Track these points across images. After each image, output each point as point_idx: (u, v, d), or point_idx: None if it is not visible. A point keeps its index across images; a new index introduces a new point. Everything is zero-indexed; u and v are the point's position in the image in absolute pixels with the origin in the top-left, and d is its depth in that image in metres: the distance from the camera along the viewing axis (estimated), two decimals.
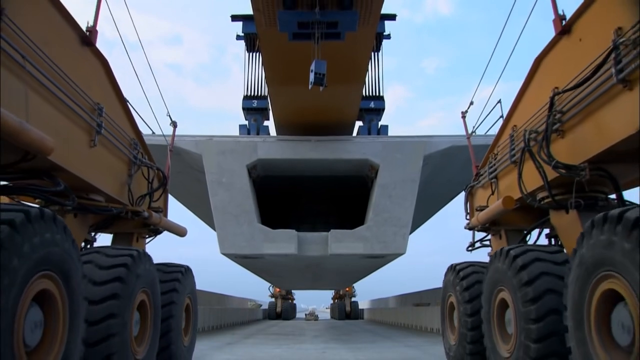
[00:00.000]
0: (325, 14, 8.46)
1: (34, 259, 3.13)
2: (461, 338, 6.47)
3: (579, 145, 4.67)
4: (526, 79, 5.85)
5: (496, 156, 6.68)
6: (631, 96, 3.90)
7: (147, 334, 5.33)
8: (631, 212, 3.21)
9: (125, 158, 6.00)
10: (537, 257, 4.83)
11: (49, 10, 4.46)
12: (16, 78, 3.78)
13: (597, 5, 4.54)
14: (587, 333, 3.63)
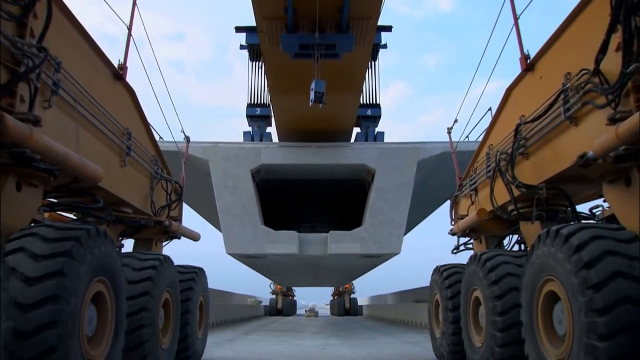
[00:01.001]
0: (324, 37, 9.27)
1: (94, 268, 3.96)
2: (444, 331, 7.31)
3: (539, 167, 5.49)
4: (499, 105, 6.67)
5: (476, 170, 7.52)
6: (576, 131, 4.72)
7: (169, 327, 6.17)
8: (565, 229, 4.02)
9: (148, 173, 6.82)
10: (504, 261, 5.66)
11: (89, 54, 5.26)
12: (69, 117, 4.60)
13: (553, 50, 5.36)
14: (535, 325, 4.46)
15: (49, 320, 3.28)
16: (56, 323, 3.32)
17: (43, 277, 3.36)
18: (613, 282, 3.50)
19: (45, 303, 3.29)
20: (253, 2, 9.43)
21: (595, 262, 3.62)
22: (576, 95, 4.57)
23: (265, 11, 9.44)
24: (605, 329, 3.43)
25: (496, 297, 5.39)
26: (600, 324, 3.46)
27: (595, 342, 3.49)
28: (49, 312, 3.29)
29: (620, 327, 3.39)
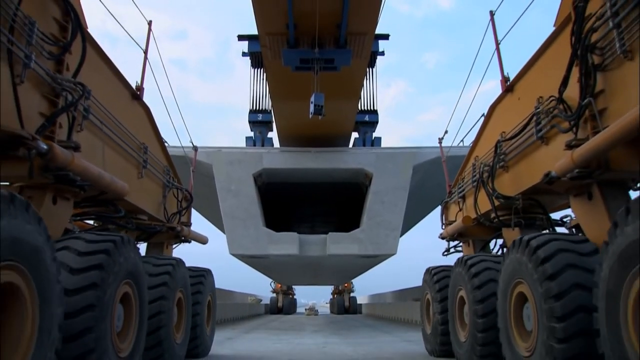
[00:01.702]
0: (323, 52, 9.86)
1: (123, 273, 4.55)
2: (434, 328, 7.91)
3: (516, 180, 6.07)
4: (484, 120, 7.26)
5: (464, 179, 8.11)
6: (546, 150, 5.31)
7: (182, 324, 6.76)
8: (534, 241, 4.60)
9: (161, 183, 7.40)
10: (487, 267, 6.26)
11: (112, 79, 5.84)
12: (97, 137, 5.19)
13: (528, 75, 5.94)
14: (509, 322, 5.06)
15: (88, 304, 3.91)
16: (94, 306, 3.95)
17: (86, 268, 4.00)
18: (571, 293, 4.07)
19: (87, 289, 3.91)
20: (257, 19, 10.01)
21: (558, 274, 4.21)
22: (546, 118, 5.16)
23: (268, 27, 10.02)
24: (562, 333, 4.02)
25: (478, 301, 5.99)
26: (558, 329, 4.05)
27: (553, 343, 4.08)
28: (90, 296, 3.92)
29: (575, 332, 3.97)
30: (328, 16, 9.46)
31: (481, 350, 5.93)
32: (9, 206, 2.88)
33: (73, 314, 3.78)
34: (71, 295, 3.82)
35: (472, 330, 6.13)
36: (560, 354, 4.05)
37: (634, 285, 3.16)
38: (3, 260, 2.82)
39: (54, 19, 4.46)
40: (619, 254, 3.31)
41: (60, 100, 4.37)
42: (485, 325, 5.85)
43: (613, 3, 4.07)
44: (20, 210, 3.01)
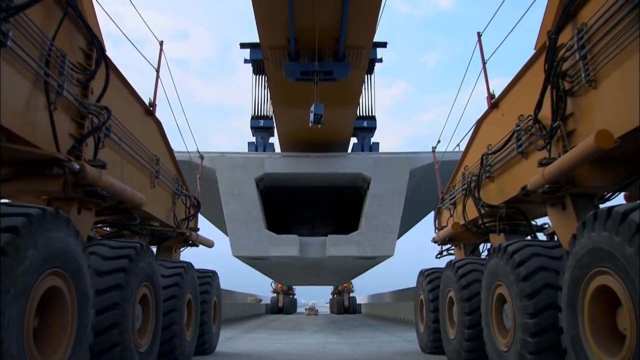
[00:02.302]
0: (322, 65, 10.38)
1: (142, 276, 5.06)
2: (427, 326, 8.42)
3: (501, 190, 6.57)
4: (473, 133, 7.77)
5: (455, 187, 8.62)
6: (526, 163, 5.81)
7: (191, 323, 7.27)
8: (511, 247, 5.11)
9: (171, 191, 7.91)
10: (473, 269, 6.77)
11: (128, 97, 6.34)
12: (116, 153, 5.70)
13: (511, 94, 6.44)
14: (490, 320, 5.57)
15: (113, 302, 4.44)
16: (119, 305, 4.48)
17: (111, 271, 4.52)
18: (542, 292, 4.59)
19: (113, 289, 4.44)
20: (259, 33, 10.53)
21: (531, 275, 4.72)
22: (525, 135, 5.67)
23: (270, 41, 10.54)
24: (534, 328, 4.54)
25: (465, 300, 6.50)
26: (531, 324, 4.57)
27: (527, 337, 4.60)
28: (115, 296, 4.45)
29: (546, 327, 4.49)
30: (327, 31, 9.97)
31: (468, 345, 6.44)
32: (55, 222, 3.39)
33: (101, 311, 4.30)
34: (98, 295, 4.32)
35: (459, 327, 6.65)
36: (533, 347, 4.55)
37: (589, 288, 3.67)
38: (50, 267, 3.34)
39: (80, 48, 4.97)
40: (577, 260, 3.82)
41: (87, 122, 4.88)
42: (471, 322, 6.36)
43: (580, 37, 4.58)
44: (63, 224, 3.52)
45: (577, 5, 4.75)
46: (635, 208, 3.21)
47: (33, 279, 3.10)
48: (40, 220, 3.19)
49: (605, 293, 3.49)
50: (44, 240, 3.21)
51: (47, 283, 3.31)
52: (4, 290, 2.77)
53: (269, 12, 9.58)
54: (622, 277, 3.25)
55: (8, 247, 2.84)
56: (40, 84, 4.14)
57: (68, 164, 4.20)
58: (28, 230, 3.04)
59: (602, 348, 3.53)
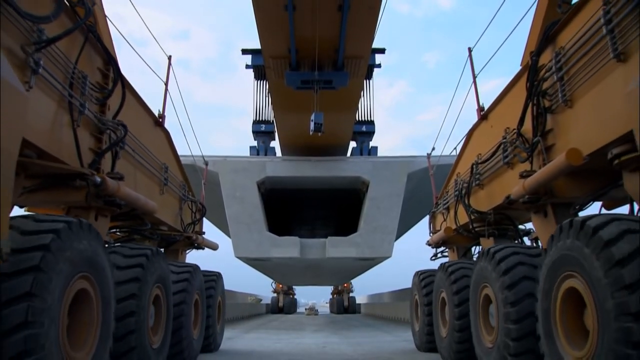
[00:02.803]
0: (322, 74, 10.81)
1: (155, 278, 5.48)
2: (421, 325, 8.84)
3: (490, 197, 6.98)
4: (464, 142, 8.19)
5: (448, 192, 9.04)
6: (512, 173, 6.22)
7: (198, 322, 7.69)
8: (493, 249, 5.52)
9: (178, 197, 8.33)
10: (465, 274, 7.17)
11: (140, 111, 6.76)
12: (130, 164, 6.12)
13: (499, 107, 6.86)
14: (478, 319, 5.98)
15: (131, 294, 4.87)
16: (136, 295, 4.90)
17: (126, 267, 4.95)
18: (521, 283, 5.01)
19: (130, 282, 4.87)
20: (262, 43, 10.96)
21: (510, 270, 5.15)
22: (510, 147, 6.09)
23: (272, 51, 10.97)
24: (515, 315, 4.96)
25: (455, 299, 6.92)
26: (512, 312, 4.99)
27: (509, 325, 5.02)
28: (132, 287, 4.88)
29: (525, 315, 4.90)
30: (327, 42, 10.39)
31: (458, 345, 6.85)
32: (80, 231, 3.81)
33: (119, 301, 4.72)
34: (116, 287, 4.73)
35: (450, 324, 7.06)
36: (514, 350, 4.98)
37: (560, 291, 4.09)
38: (79, 272, 3.76)
39: (98, 68, 5.39)
40: (549, 267, 4.24)
41: (104, 137, 5.30)
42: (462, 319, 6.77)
43: (558, 60, 5.00)
44: (87, 233, 3.94)
45: (556, 30, 5.16)
46: (592, 217, 3.64)
47: (66, 284, 3.52)
48: (68, 233, 3.60)
49: (573, 294, 3.91)
50: (73, 250, 3.63)
51: (77, 286, 3.73)
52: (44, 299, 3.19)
53: (271, 24, 10.00)
54: (585, 280, 3.67)
55: (42, 264, 3.24)
56: (64, 103, 4.56)
57: (91, 178, 4.62)
58: (57, 245, 3.43)
59: (571, 342, 3.95)
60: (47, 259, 3.27)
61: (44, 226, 3.43)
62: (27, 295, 3.06)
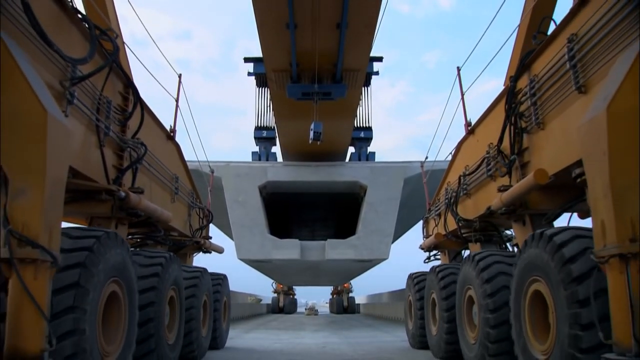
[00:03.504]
0: (322, 86, 11.39)
1: (171, 281, 6.08)
2: (415, 324, 9.44)
3: (476, 205, 7.57)
4: (454, 153, 8.78)
5: (439, 199, 9.63)
6: (494, 185, 6.80)
7: (206, 321, 8.29)
8: (477, 256, 6.12)
9: (187, 204, 8.92)
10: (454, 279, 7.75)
11: (154, 127, 7.35)
12: (146, 177, 6.71)
13: (483, 124, 7.45)
14: (462, 317, 6.58)
15: (150, 301, 5.46)
16: (154, 303, 5.49)
17: (148, 275, 5.54)
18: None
19: (148, 291, 5.46)
20: (264, 57, 11.55)
21: (492, 279, 5.74)
22: (493, 162, 6.69)
23: (274, 65, 11.56)
24: (494, 337, 5.54)
25: (443, 299, 7.52)
26: (491, 319, 5.58)
27: (487, 343, 5.62)
28: (151, 295, 5.47)
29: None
30: (326, 56, 10.97)
31: (447, 338, 7.44)
32: (114, 241, 4.41)
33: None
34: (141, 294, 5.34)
35: (440, 323, 7.67)
36: (492, 351, 5.60)
37: (527, 295, 4.69)
38: (111, 277, 4.35)
39: (119, 92, 5.98)
40: (518, 272, 4.84)
41: (125, 154, 5.90)
42: (449, 318, 7.37)
43: (532, 86, 5.60)
44: (118, 242, 4.54)
45: (531, 58, 5.76)
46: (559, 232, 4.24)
47: (103, 283, 4.12)
48: (105, 241, 4.21)
49: (537, 296, 4.51)
50: (108, 255, 4.23)
51: (109, 289, 4.33)
52: (86, 293, 3.79)
53: (273, 40, 10.57)
54: (547, 283, 4.27)
55: (86, 265, 3.84)
56: (92, 127, 5.15)
57: (117, 193, 5.21)
58: (98, 249, 4.05)
59: (537, 338, 4.55)
60: (90, 258, 3.88)
61: (87, 233, 4.06)
62: (75, 285, 3.67)
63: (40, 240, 3.28)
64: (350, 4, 9.18)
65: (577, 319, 3.78)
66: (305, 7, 9.35)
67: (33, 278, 3.26)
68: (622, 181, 3.43)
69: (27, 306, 3.20)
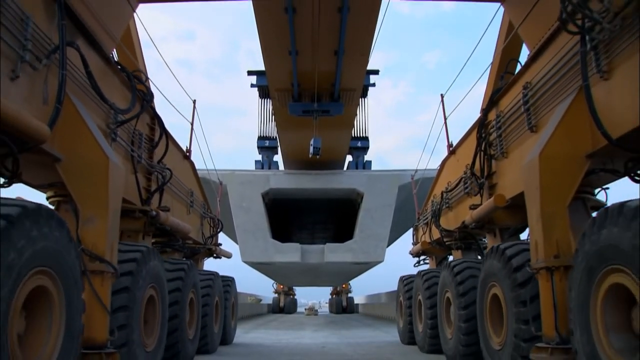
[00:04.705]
0: (321, 105, 12.42)
1: (191, 284, 7.11)
2: (404, 322, 10.48)
3: (456, 217, 8.59)
4: (438, 171, 9.82)
5: (427, 210, 10.67)
6: (471, 200, 7.84)
7: (218, 319, 9.32)
8: (453, 263, 7.15)
9: (199, 214, 9.96)
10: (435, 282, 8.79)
11: (174, 150, 8.36)
12: (168, 194, 7.73)
13: (462, 147, 8.48)
14: (442, 315, 7.61)
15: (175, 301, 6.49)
16: (179, 302, 6.53)
17: (174, 279, 6.57)
18: (467, 280, 6.62)
19: (175, 290, 6.49)
20: (268, 77, 12.59)
21: (465, 281, 6.78)
22: (468, 181, 7.72)
23: (277, 85, 12.59)
24: (464, 330, 6.57)
25: (427, 299, 8.56)
26: (462, 315, 6.62)
27: (460, 335, 6.65)
28: (177, 296, 6.49)
29: (470, 303, 6.51)
30: (325, 77, 11.98)
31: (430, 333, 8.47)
32: (153, 255, 5.44)
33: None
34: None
35: (424, 321, 8.71)
36: (464, 342, 6.62)
37: (488, 297, 5.72)
38: (150, 283, 5.39)
39: (147, 124, 7.01)
40: (481, 278, 5.87)
41: (153, 177, 6.93)
42: (432, 315, 8.40)
43: (498, 120, 6.63)
44: (156, 255, 5.58)
45: (499, 96, 6.79)
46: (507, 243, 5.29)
47: (144, 288, 5.16)
48: (147, 254, 5.24)
49: (495, 297, 5.55)
50: (150, 265, 5.27)
51: (148, 293, 5.36)
52: (133, 296, 4.83)
53: (277, 64, 11.60)
54: (501, 287, 5.31)
55: (134, 273, 4.88)
56: (128, 156, 6.18)
57: (149, 212, 6.24)
58: (142, 262, 5.08)
59: (496, 332, 5.59)
60: (138, 267, 4.92)
61: (133, 248, 5.11)
62: (126, 289, 4.71)
63: (105, 257, 4.32)
64: (347, 34, 10.19)
65: (520, 316, 4.81)
66: (306, 36, 10.36)
67: (100, 285, 4.30)
68: (550, 211, 4.46)
69: (96, 306, 4.24)
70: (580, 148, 4.56)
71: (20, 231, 2.90)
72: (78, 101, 4.68)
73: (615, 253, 3.29)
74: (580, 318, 3.72)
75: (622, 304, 3.39)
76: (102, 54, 5.42)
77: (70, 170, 4.38)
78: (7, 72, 3.75)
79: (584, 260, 3.69)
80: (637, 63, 3.87)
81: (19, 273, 2.92)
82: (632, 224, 3.08)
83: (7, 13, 3.72)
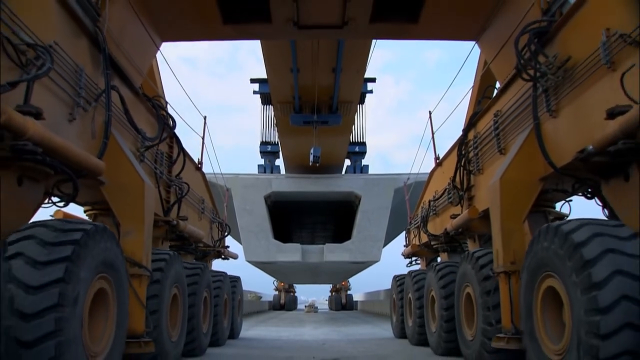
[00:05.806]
0: (320, 116, 13.38)
1: (205, 284, 8.06)
2: (397, 317, 11.42)
3: (442, 223, 9.50)
4: (427, 180, 10.75)
5: (418, 215, 11.61)
6: (454, 209, 8.77)
7: (226, 315, 10.27)
8: (437, 265, 8.10)
9: (209, 219, 10.89)
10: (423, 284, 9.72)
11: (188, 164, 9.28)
12: (184, 204, 8.66)
13: (447, 160, 9.41)
14: (428, 312, 8.56)
15: (193, 291, 7.42)
16: (196, 300, 7.47)
17: (191, 276, 7.51)
18: (452, 284, 7.56)
19: (192, 289, 7.42)
20: (271, 91, 13.55)
21: (448, 283, 7.72)
22: (451, 192, 8.66)
23: (280, 98, 13.54)
24: (446, 327, 7.51)
25: (416, 300, 9.52)
26: (444, 315, 7.56)
27: (443, 332, 7.60)
28: (194, 293, 7.43)
29: (451, 303, 7.45)
30: (324, 90, 12.94)
31: (419, 330, 9.43)
32: (176, 260, 6.39)
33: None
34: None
35: (413, 318, 9.66)
36: (445, 338, 7.56)
37: (463, 295, 6.66)
38: (174, 284, 6.33)
39: (166, 143, 7.93)
40: (457, 280, 6.81)
41: (172, 189, 7.86)
42: (420, 315, 9.35)
43: (475, 140, 7.55)
44: (179, 260, 6.52)
45: (477, 119, 7.71)
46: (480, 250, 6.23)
47: (170, 290, 6.11)
48: (171, 260, 6.19)
49: (469, 296, 6.49)
50: (174, 270, 6.21)
51: (172, 292, 6.31)
52: (162, 296, 5.77)
53: (280, 80, 12.55)
54: (474, 288, 6.26)
55: (160, 277, 5.82)
56: (152, 173, 7.11)
57: (171, 222, 7.18)
58: (168, 266, 6.02)
59: (469, 326, 6.54)
60: (166, 268, 5.87)
61: (161, 256, 6.05)
62: (156, 295, 5.65)
63: (143, 263, 5.26)
64: (344, 53, 11.13)
65: (487, 312, 5.76)
66: (307, 55, 11.30)
67: (139, 286, 5.24)
68: (508, 226, 5.41)
69: (136, 305, 5.18)
70: (534, 173, 5.49)
71: (95, 245, 3.85)
72: (117, 132, 5.62)
73: (548, 262, 4.22)
74: (526, 312, 4.66)
75: (555, 302, 4.32)
76: (133, 88, 6.35)
77: (113, 192, 5.32)
78: (65, 115, 4.68)
79: (529, 267, 4.63)
80: (576, 106, 4.81)
81: (90, 280, 3.87)
82: (555, 239, 4.02)
83: (64, 66, 4.65)
